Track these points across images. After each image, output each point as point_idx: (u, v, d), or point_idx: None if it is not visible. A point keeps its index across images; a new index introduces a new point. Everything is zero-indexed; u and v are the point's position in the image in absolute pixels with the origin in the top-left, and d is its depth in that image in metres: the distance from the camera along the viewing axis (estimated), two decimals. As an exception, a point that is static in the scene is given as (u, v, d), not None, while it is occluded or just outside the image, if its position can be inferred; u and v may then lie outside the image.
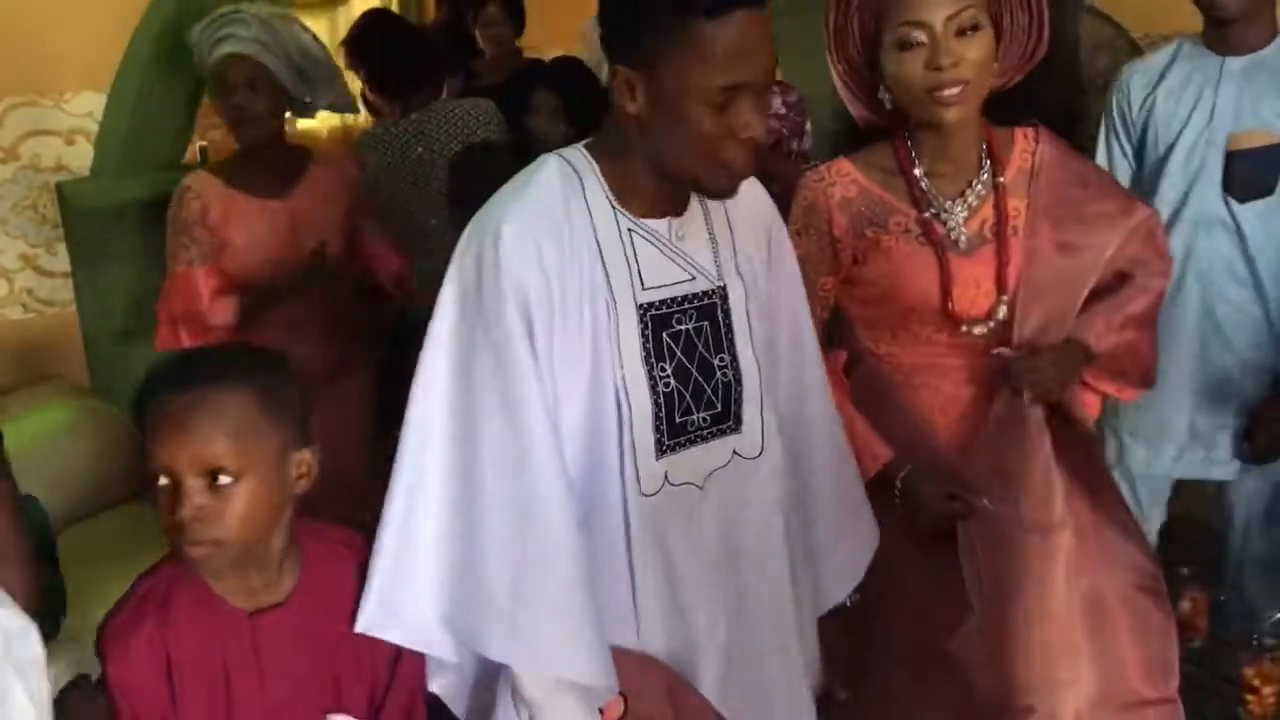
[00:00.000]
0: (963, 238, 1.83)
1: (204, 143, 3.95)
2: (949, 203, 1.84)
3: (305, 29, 2.81)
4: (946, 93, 1.73)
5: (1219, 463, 2.47)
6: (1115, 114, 2.54)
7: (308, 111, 2.87)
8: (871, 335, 1.91)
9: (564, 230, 1.44)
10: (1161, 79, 2.46)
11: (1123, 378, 1.98)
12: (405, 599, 1.46)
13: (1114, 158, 2.55)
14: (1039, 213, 1.84)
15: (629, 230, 1.48)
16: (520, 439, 1.41)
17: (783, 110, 3.32)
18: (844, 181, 1.86)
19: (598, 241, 1.46)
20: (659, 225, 1.50)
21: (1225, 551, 2.58)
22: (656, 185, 1.49)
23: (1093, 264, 1.86)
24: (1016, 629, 1.79)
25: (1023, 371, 1.80)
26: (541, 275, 1.42)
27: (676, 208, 1.52)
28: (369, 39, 3.43)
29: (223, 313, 2.64)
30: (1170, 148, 2.43)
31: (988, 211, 1.84)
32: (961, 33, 1.72)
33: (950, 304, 1.81)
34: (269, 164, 2.74)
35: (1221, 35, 2.38)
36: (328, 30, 8.06)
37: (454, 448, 1.45)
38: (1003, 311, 1.83)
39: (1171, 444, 2.52)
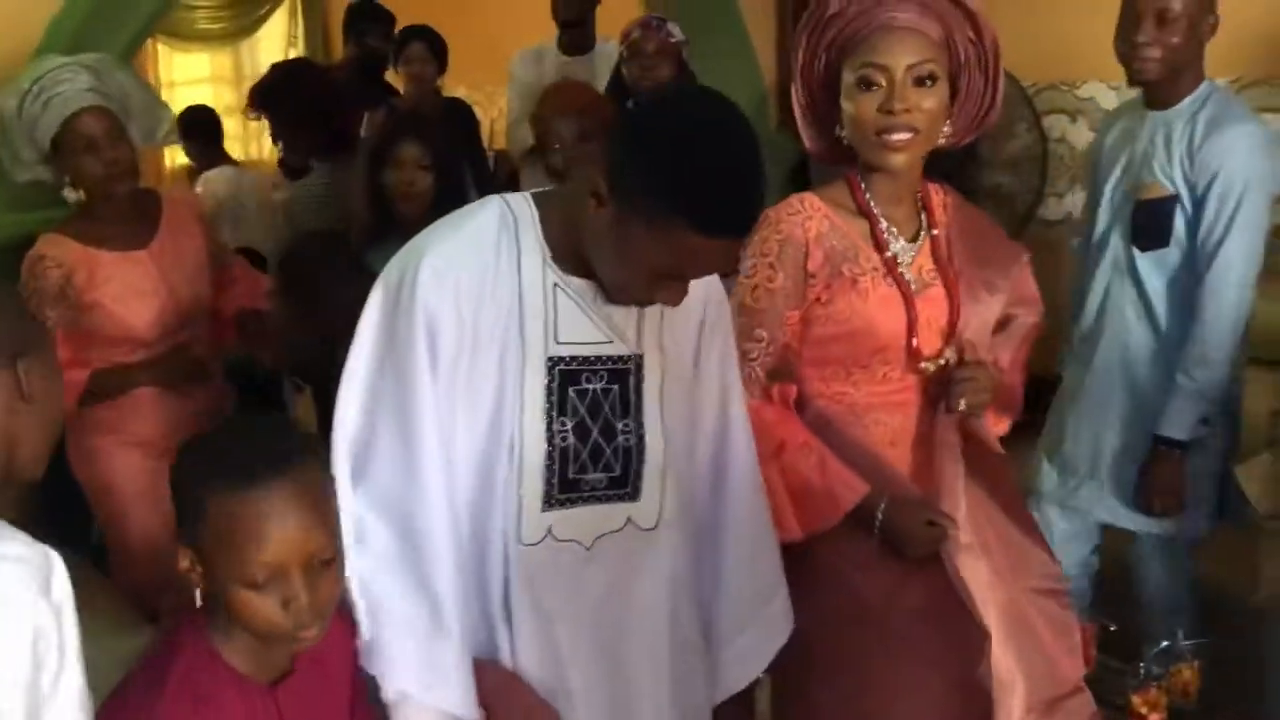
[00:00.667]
0: (913, 280, 1.88)
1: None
2: (902, 245, 1.89)
3: (119, 66, 2.76)
4: (896, 137, 1.77)
5: (1110, 508, 2.56)
6: (1090, 159, 2.70)
7: None
8: (822, 374, 1.91)
9: (489, 271, 1.46)
10: (1110, 128, 2.59)
11: (1006, 410, 2.05)
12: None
13: (1091, 196, 2.67)
14: (960, 256, 1.91)
15: (555, 285, 1.49)
16: (411, 464, 1.45)
17: None
18: (818, 216, 1.87)
19: (520, 288, 1.47)
20: (586, 285, 1.51)
21: (1133, 584, 2.67)
22: None
23: (1001, 302, 1.96)
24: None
25: (964, 380, 1.84)
26: (455, 311, 1.44)
27: None
28: (305, 112, 3.46)
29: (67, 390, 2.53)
30: (1100, 194, 2.55)
31: (924, 257, 1.90)
32: (920, 82, 1.76)
33: (915, 343, 1.86)
34: (124, 214, 2.65)
35: (1150, 90, 2.48)
36: (232, 65, 7.99)
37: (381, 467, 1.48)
38: (950, 351, 1.89)
39: (1093, 482, 2.59)
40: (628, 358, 1.54)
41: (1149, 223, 2.44)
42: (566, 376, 1.50)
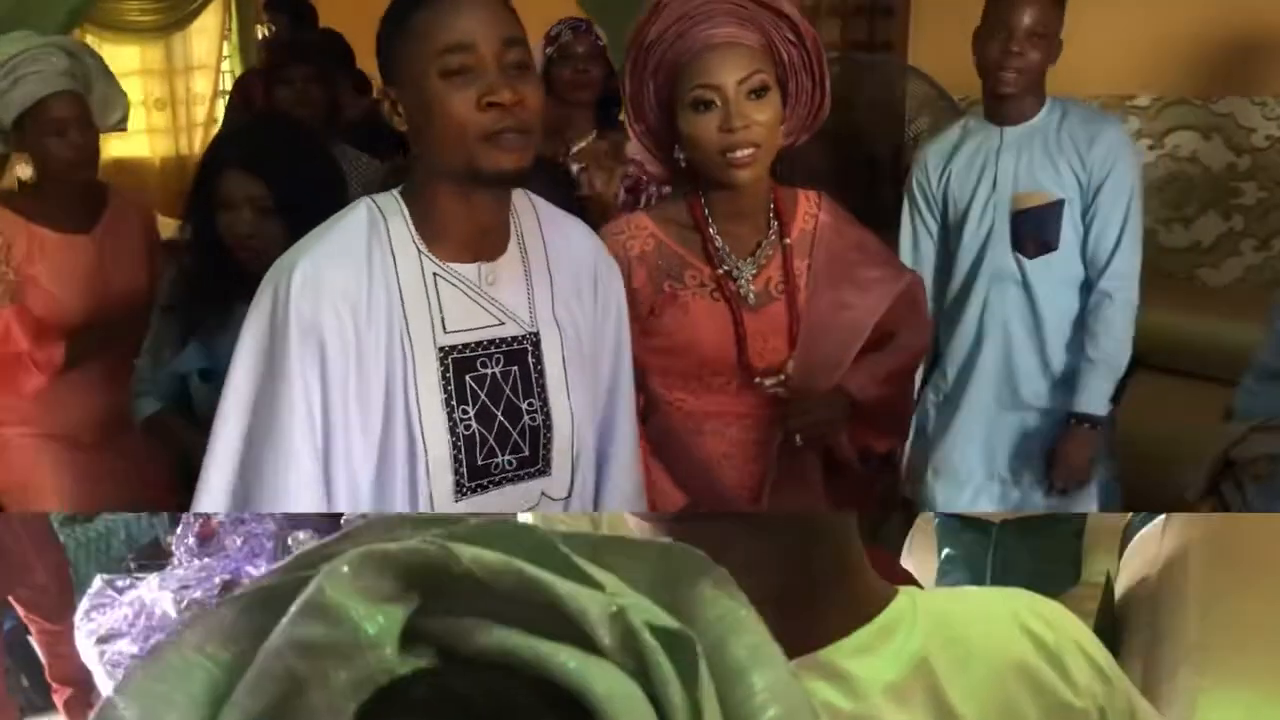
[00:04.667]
0: (751, 295, 1.89)
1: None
2: (740, 260, 1.90)
3: (91, 50, 2.74)
4: (740, 154, 1.76)
5: (1013, 502, 2.63)
6: (916, 190, 2.70)
7: None
8: (665, 382, 1.94)
9: (363, 272, 1.44)
10: (954, 153, 2.64)
11: (882, 428, 2.06)
12: None
13: (917, 231, 2.72)
14: (819, 273, 1.92)
15: (434, 274, 1.48)
16: (281, 446, 1.42)
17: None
18: (641, 236, 1.89)
19: (399, 284, 1.46)
20: (468, 270, 1.50)
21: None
22: (466, 222, 1.49)
23: (864, 324, 1.95)
24: None
25: (796, 414, 1.86)
26: (335, 317, 1.41)
27: (490, 251, 1.52)
28: None
29: (52, 358, 2.54)
30: (965, 213, 2.62)
31: (774, 270, 1.91)
32: (752, 96, 1.76)
33: (745, 358, 1.87)
34: (73, 198, 2.64)
35: (1000, 108, 2.58)
36: (164, 58, 7.85)
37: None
38: (792, 366, 1.90)
39: (969, 485, 2.68)
40: (523, 337, 1.53)
41: (1037, 229, 2.56)
42: (461, 364, 1.48)
